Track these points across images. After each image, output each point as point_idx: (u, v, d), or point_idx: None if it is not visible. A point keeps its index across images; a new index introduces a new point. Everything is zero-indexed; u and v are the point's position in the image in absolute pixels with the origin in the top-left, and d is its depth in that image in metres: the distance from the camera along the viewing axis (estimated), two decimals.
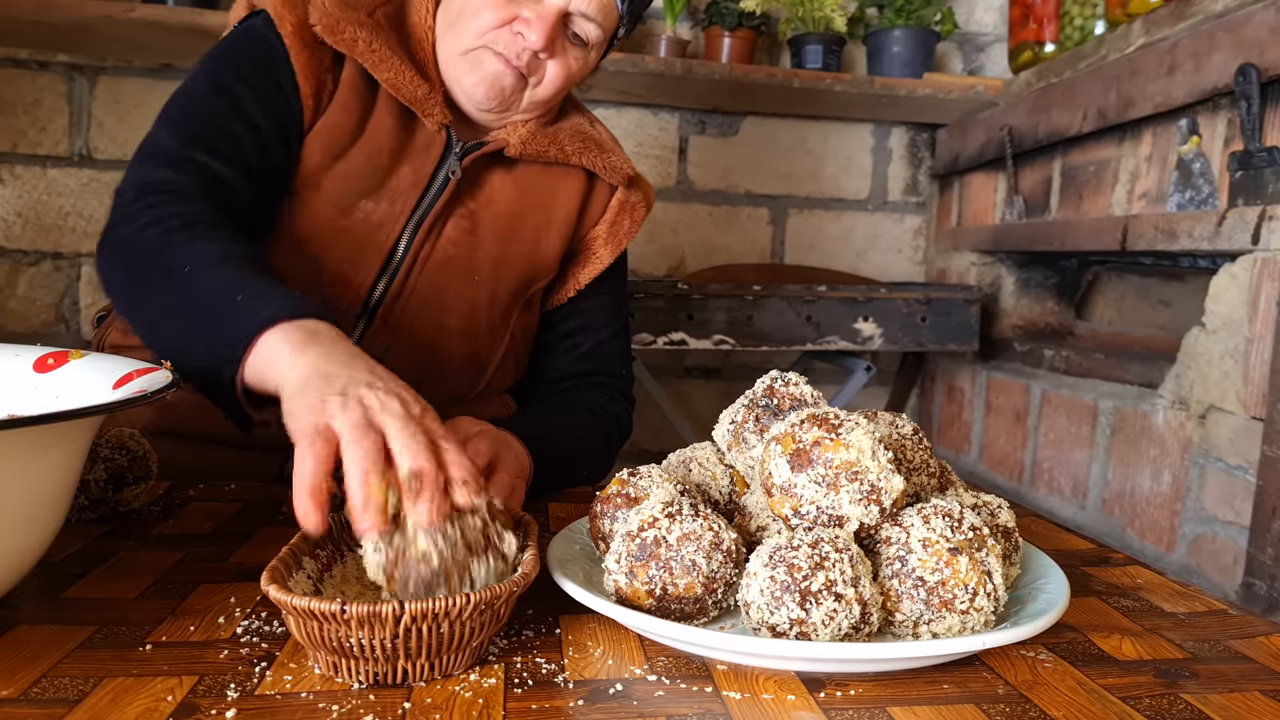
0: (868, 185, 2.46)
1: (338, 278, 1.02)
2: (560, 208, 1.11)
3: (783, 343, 1.95)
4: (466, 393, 1.13)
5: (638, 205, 1.15)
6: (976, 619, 0.60)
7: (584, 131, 1.12)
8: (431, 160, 1.03)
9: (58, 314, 2.12)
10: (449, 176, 1.04)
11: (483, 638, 0.57)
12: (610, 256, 1.15)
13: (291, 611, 0.54)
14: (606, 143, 1.14)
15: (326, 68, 0.99)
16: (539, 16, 0.96)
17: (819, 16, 2.11)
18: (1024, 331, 2.14)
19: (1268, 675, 0.62)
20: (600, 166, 1.11)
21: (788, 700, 0.56)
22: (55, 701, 0.52)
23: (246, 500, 0.92)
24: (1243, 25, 1.37)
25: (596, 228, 1.15)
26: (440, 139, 1.03)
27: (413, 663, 0.55)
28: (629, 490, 0.71)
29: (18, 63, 2.04)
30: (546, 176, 1.10)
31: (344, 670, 0.55)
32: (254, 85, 0.97)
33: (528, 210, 1.10)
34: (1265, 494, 1.29)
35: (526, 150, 1.06)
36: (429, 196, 1.04)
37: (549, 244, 1.12)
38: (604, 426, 1.11)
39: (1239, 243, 1.37)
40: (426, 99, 1.00)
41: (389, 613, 0.52)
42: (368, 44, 0.97)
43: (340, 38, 0.97)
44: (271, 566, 0.57)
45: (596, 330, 1.18)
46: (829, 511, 0.61)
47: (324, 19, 0.96)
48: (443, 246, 1.05)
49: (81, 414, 0.55)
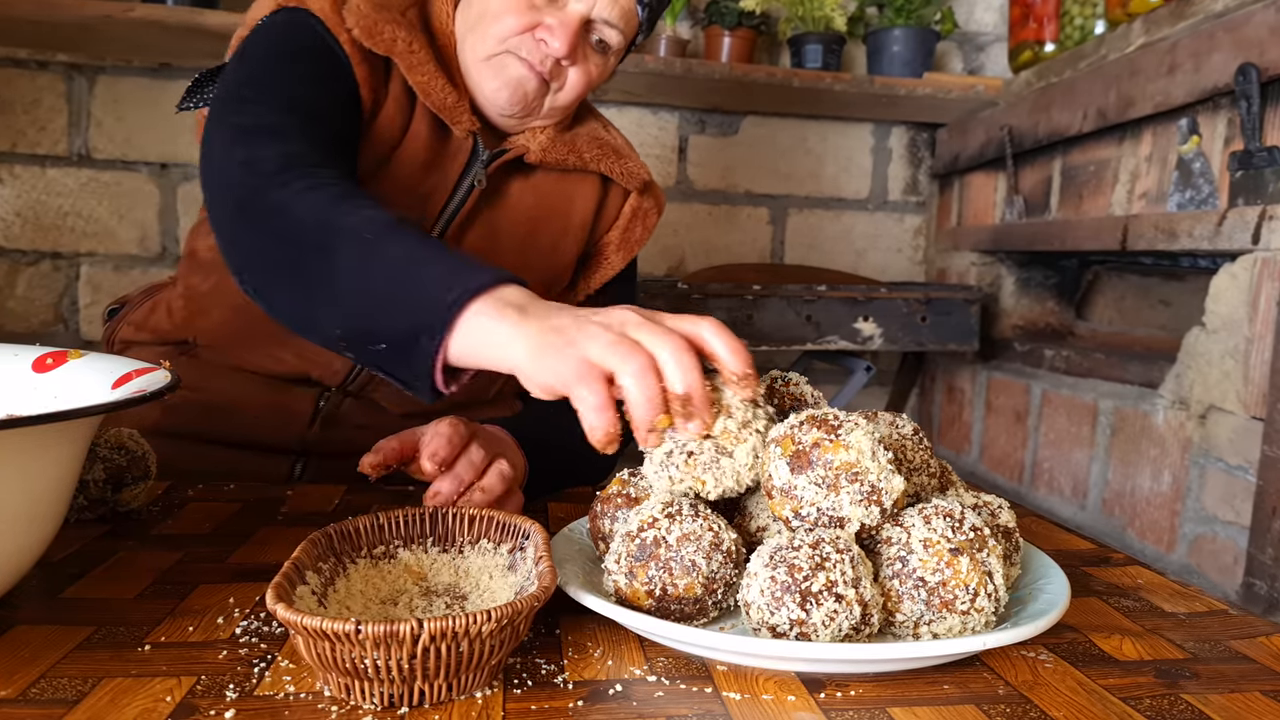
0: (868, 185, 2.46)
1: None
2: (577, 213, 1.11)
3: (783, 342, 1.95)
4: (479, 397, 1.13)
5: (650, 212, 1.15)
6: (977, 619, 0.60)
7: (600, 137, 1.12)
8: (457, 167, 1.03)
9: (57, 314, 2.12)
10: (474, 185, 1.03)
11: (501, 655, 0.55)
12: (622, 262, 1.15)
13: (301, 632, 0.51)
14: (623, 148, 1.14)
15: (382, 80, 0.98)
16: (562, 24, 0.95)
17: (819, 16, 2.11)
18: (1024, 331, 2.14)
19: (1268, 675, 0.62)
20: (618, 172, 1.11)
21: (788, 701, 0.55)
22: (54, 702, 0.52)
23: (246, 500, 0.92)
24: (1243, 25, 1.37)
25: (610, 233, 1.15)
26: (467, 146, 1.02)
27: (430, 683, 0.52)
28: (629, 490, 0.71)
29: (17, 62, 2.04)
30: (564, 183, 1.10)
31: (356, 693, 0.52)
32: (331, 78, 0.94)
33: (545, 217, 1.09)
34: (1265, 494, 1.29)
35: (546, 158, 1.06)
36: (453, 204, 1.03)
37: (566, 250, 1.11)
38: None
39: (1239, 242, 1.37)
40: (455, 106, 0.99)
41: (406, 632, 0.50)
42: (407, 44, 0.96)
43: (379, 39, 0.95)
44: (276, 583, 0.55)
45: None
46: (830, 513, 0.61)
47: (361, 21, 0.94)
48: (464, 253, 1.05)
49: (81, 414, 0.55)
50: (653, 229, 1.16)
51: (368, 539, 0.68)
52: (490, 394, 1.15)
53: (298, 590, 0.57)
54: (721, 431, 0.65)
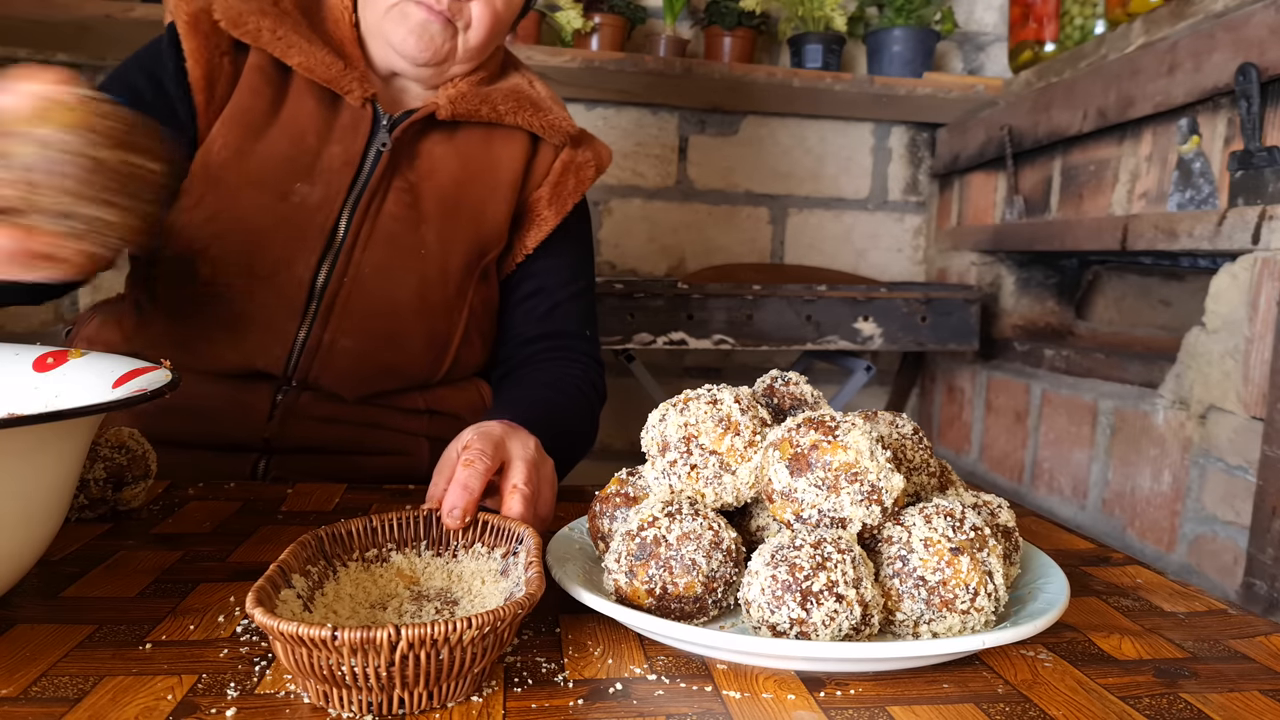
0: (868, 185, 2.46)
1: (280, 264, 1.01)
2: (504, 172, 1.10)
3: (783, 342, 1.95)
4: (432, 375, 1.11)
5: (585, 165, 1.13)
6: (977, 619, 0.60)
7: (521, 90, 1.11)
8: (361, 136, 1.03)
9: (57, 313, 2.12)
10: (380, 150, 1.03)
11: (485, 663, 0.54)
12: (555, 218, 1.13)
13: (278, 637, 0.50)
14: (543, 101, 1.12)
15: (223, 51, 1.00)
16: None
17: (819, 16, 2.11)
18: (1024, 331, 2.14)
19: (1268, 675, 0.62)
20: (538, 125, 1.09)
21: (788, 700, 0.55)
22: (55, 700, 0.52)
23: (246, 499, 0.92)
24: (1243, 25, 1.37)
25: (540, 189, 1.13)
26: (367, 114, 1.03)
27: (410, 691, 0.51)
28: (628, 489, 0.71)
29: (17, 62, 2.04)
30: (489, 142, 1.09)
31: (335, 700, 0.51)
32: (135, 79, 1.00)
33: (470, 178, 1.08)
34: (1265, 494, 1.29)
35: (458, 110, 1.05)
36: (363, 174, 1.03)
37: (495, 211, 1.10)
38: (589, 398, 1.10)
39: (1239, 242, 1.37)
40: (343, 76, 1.00)
41: (384, 638, 0.48)
42: (272, 32, 0.99)
43: (244, 29, 0.98)
44: (258, 587, 0.54)
45: (553, 291, 1.15)
46: (831, 514, 0.61)
47: (226, 12, 0.98)
48: (384, 223, 1.04)
49: (81, 413, 0.55)
50: (589, 182, 1.14)
51: (360, 541, 0.67)
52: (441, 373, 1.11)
53: (282, 594, 0.56)
54: (728, 449, 0.65)
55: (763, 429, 0.67)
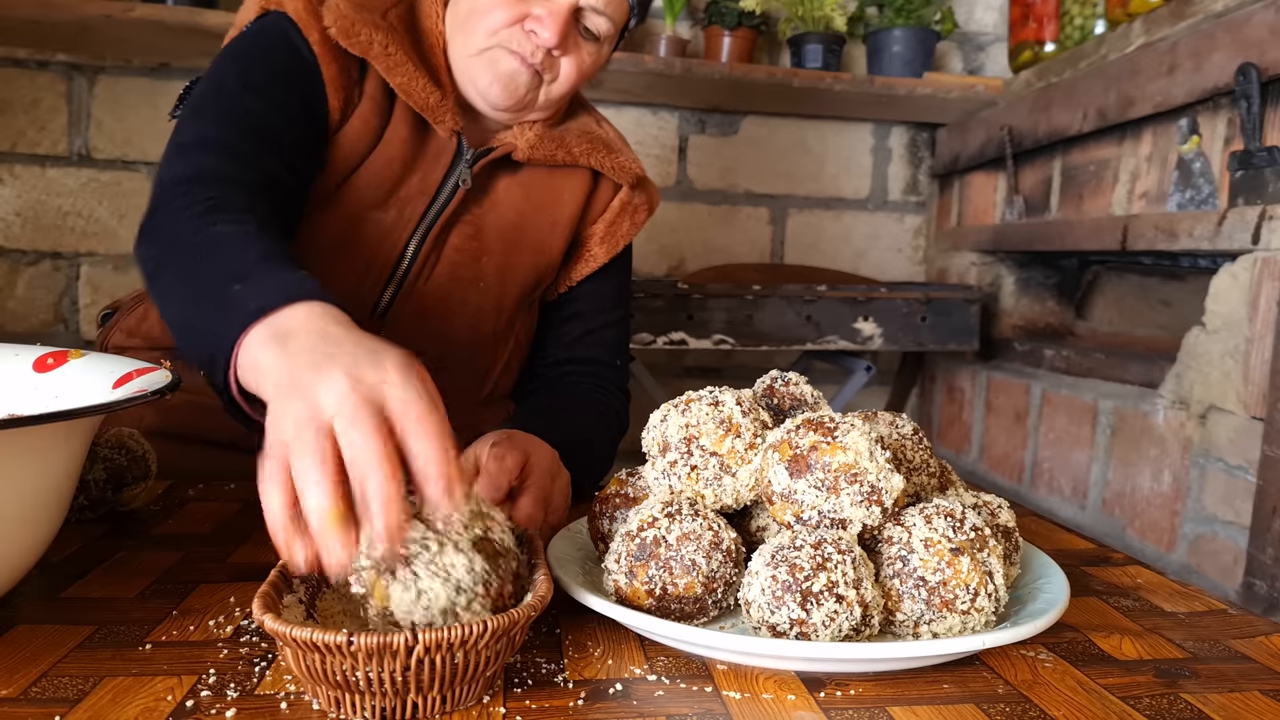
0: (868, 185, 2.46)
1: (345, 288, 1.00)
2: (565, 206, 1.10)
3: (783, 342, 1.95)
4: (470, 400, 1.12)
5: (640, 208, 1.14)
6: (977, 619, 0.60)
7: (591, 131, 1.11)
8: (441, 167, 1.02)
9: (57, 314, 2.12)
10: (459, 184, 1.02)
11: (497, 666, 0.54)
12: (605, 256, 1.13)
13: (290, 644, 0.49)
14: (614, 142, 1.13)
15: (355, 80, 0.98)
16: (551, 13, 0.95)
17: (819, 16, 2.11)
18: (1024, 331, 2.14)
19: (1268, 675, 0.62)
20: (609, 167, 1.10)
21: (788, 700, 0.55)
22: (55, 701, 0.52)
23: (246, 500, 0.92)
24: (1243, 25, 1.37)
25: (595, 225, 1.13)
26: (451, 145, 1.02)
27: (424, 696, 0.51)
28: (628, 490, 0.71)
29: (17, 62, 2.04)
30: (553, 179, 1.09)
31: (346, 706, 0.51)
32: (290, 88, 0.94)
33: (533, 214, 1.08)
34: (1265, 494, 1.29)
35: (535, 155, 1.05)
36: (437, 204, 1.03)
37: (554, 245, 1.10)
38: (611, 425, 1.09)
39: (1239, 242, 1.37)
40: (439, 106, 0.99)
41: (400, 643, 0.48)
42: (383, 47, 0.96)
43: (355, 40, 0.95)
44: (262, 592, 0.53)
45: (589, 318, 1.15)
46: (831, 515, 0.61)
47: (338, 21, 0.94)
48: (449, 254, 1.04)
49: (81, 414, 0.55)
50: (641, 225, 1.15)
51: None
52: (480, 397, 1.13)
53: (284, 599, 0.56)
54: (729, 451, 0.65)
55: (764, 432, 0.67)
